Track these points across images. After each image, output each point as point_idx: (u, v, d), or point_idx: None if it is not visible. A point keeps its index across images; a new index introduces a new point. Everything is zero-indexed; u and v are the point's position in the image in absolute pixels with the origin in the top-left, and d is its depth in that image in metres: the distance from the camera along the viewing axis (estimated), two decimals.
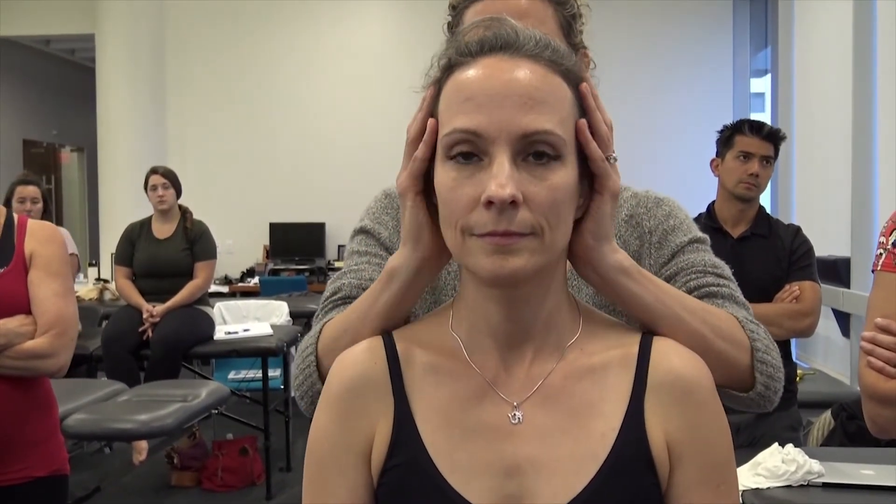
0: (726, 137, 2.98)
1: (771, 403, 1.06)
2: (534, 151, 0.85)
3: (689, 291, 1.08)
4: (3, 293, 2.02)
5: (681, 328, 0.99)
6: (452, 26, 1.20)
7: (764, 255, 2.90)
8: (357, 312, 1.04)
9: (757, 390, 1.03)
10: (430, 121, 0.91)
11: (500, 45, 0.88)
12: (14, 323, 2.00)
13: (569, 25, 1.17)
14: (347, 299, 1.14)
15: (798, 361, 4.54)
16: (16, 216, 2.15)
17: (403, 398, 0.94)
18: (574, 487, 0.88)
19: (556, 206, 0.86)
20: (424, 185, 0.94)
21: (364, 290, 1.11)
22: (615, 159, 0.95)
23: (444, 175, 0.88)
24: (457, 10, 1.19)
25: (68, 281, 2.15)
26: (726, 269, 1.16)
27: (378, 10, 8.45)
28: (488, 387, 0.93)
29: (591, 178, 0.93)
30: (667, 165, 7.79)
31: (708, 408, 0.93)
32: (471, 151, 0.86)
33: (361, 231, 1.25)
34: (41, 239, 2.11)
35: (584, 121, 0.90)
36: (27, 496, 2.05)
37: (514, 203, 0.83)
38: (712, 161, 3.05)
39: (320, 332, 1.09)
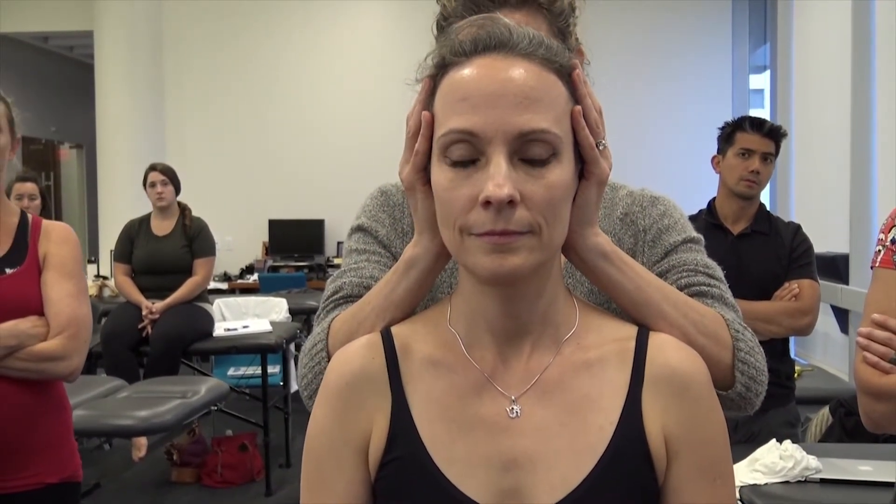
0: (727, 134, 2.98)
1: (752, 406, 1.06)
2: (530, 150, 0.85)
3: (679, 290, 1.08)
4: (15, 294, 1.97)
5: (660, 318, 0.99)
6: (441, 27, 1.20)
7: (764, 252, 2.91)
8: (371, 304, 1.04)
9: (737, 390, 1.03)
10: (425, 114, 0.92)
11: (493, 44, 0.88)
12: (26, 324, 1.95)
13: (563, 35, 1.17)
14: (349, 298, 1.14)
15: (796, 358, 4.55)
16: (30, 216, 2.11)
17: (401, 392, 0.94)
18: (571, 481, 0.89)
19: (554, 204, 0.87)
20: (427, 175, 0.95)
21: (366, 288, 1.11)
22: (604, 146, 0.96)
23: (441, 175, 0.88)
24: (448, 21, 1.19)
25: (82, 282, 2.09)
26: (718, 271, 1.16)
27: (376, 7, 8.45)
28: (486, 381, 0.94)
29: (581, 165, 0.94)
30: (665, 161, 7.79)
31: (704, 402, 0.94)
32: (467, 151, 0.86)
33: (359, 229, 1.25)
34: (56, 240, 2.07)
35: (579, 108, 0.91)
36: (37, 503, 1.99)
37: (511, 202, 0.83)
38: (713, 158, 3.05)
39: (329, 329, 1.09)
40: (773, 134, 2.93)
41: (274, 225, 8.34)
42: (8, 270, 1.99)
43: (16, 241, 2.04)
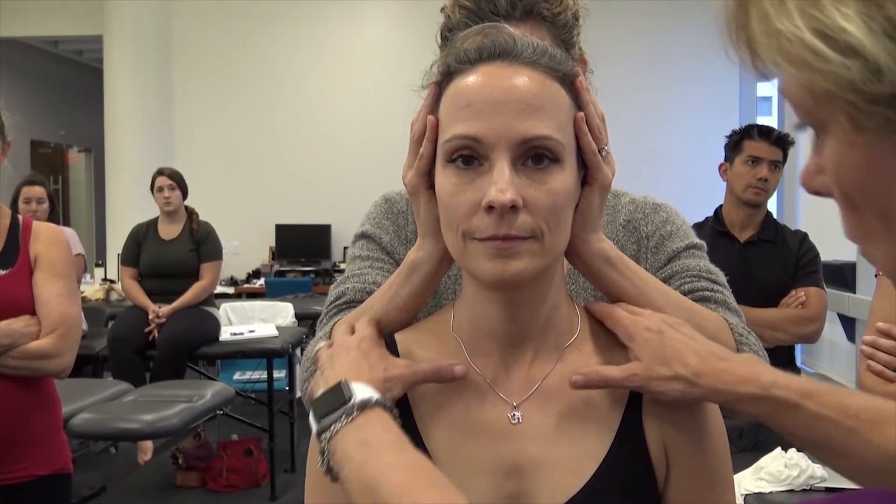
0: (735, 142, 2.98)
1: None
2: (533, 156, 0.86)
3: (683, 295, 1.08)
4: (8, 294, 2.04)
5: None
6: (445, 37, 1.21)
7: (770, 260, 2.91)
8: (374, 308, 1.04)
9: None
10: (430, 118, 0.92)
11: (498, 52, 0.89)
12: (19, 323, 2.03)
13: (566, 46, 1.18)
14: (352, 303, 1.14)
15: (803, 366, 4.54)
16: (21, 218, 2.18)
17: (405, 399, 0.95)
18: (572, 487, 0.89)
19: (556, 210, 0.87)
20: (431, 180, 0.95)
21: (368, 293, 1.12)
22: (607, 152, 0.96)
23: (445, 180, 0.89)
24: (452, 32, 1.20)
25: (72, 282, 2.18)
26: (721, 276, 1.17)
27: (385, 11, 8.47)
28: (489, 387, 0.94)
29: (584, 172, 0.95)
30: (672, 169, 7.78)
31: (704, 410, 0.94)
32: (471, 156, 0.87)
33: (363, 236, 1.27)
34: (46, 241, 2.14)
35: (582, 114, 0.91)
36: (30, 495, 2.07)
37: (514, 207, 0.84)
38: (721, 165, 3.05)
39: (331, 334, 1.10)
40: (780, 142, 2.93)
41: (281, 229, 8.35)
42: (1, 272, 2.06)
43: (7, 243, 2.11)
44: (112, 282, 6.63)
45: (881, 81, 0.38)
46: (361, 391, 0.86)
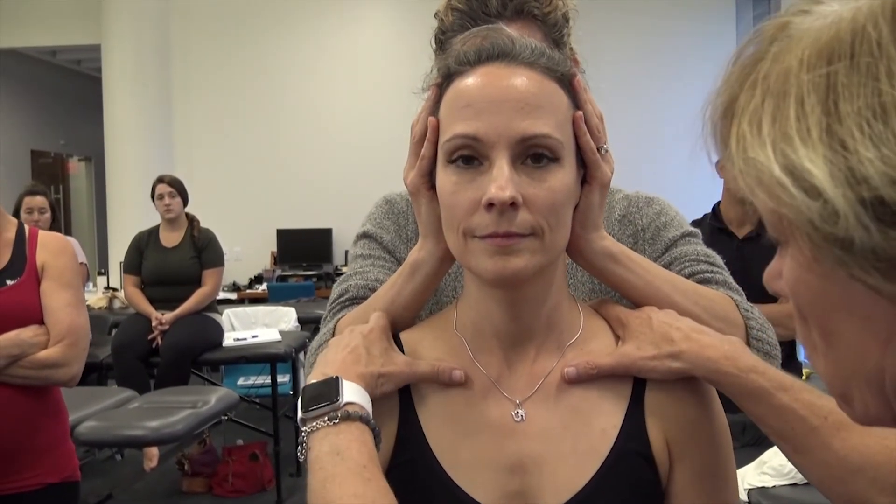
0: None
1: None
2: (532, 154, 0.87)
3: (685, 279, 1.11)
4: (16, 304, 2.05)
5: (673, 309, 1.01)
6: (440, 40, 1.23)
7: (769, 255, 2.85)
8: (376, 307, 1.05)
9: None
10: (431, 119, 0.94)
11: (497, 53, 0.90)
12: (28, 333, 2.03)
13: (557, 46, 1.20)
14: (355, 300, 1.16)
15: (804, 360, 4.54)
16: (27, 228, 2.19)
17: (408, 397, 0.96)
18: (576, 483, 0.90)
19: (556, 208, 0.88)
20: (432, 180, 0.96)
21: (371, 290, 1.14)
22: (606, 150, 0.97)
23: (446, 179, 0.90)
24: (446, 35, 1.22)
25: (79, 292, 2.19)
26: (718, 259, 1.20)
27: (384, 16, 8.48)
28: (492, 385, 0.95)
29: (584, 171, 0.96)
30: (670, 166, 7.78)
31: (707, 406, 0.95)
32: (471, 156, 0.88)
33: (364, 236, 1.29)
34: (52, 250, 2.15)
35: (580, 113, 0.92)
36: (39, 502, 2.08)
37: (514, 205, 0.85)
38: (717, 162, 3.05)
39: (335, 330, 1.11)
40: None
41: (282, 234, 8.36)
42: (9, 282, 2.07)
43: (14, 253, 2.12)
44: (115, 290, 6.64)
45: (836, 225, 0.41)
46: (350, 393, 0.87)
